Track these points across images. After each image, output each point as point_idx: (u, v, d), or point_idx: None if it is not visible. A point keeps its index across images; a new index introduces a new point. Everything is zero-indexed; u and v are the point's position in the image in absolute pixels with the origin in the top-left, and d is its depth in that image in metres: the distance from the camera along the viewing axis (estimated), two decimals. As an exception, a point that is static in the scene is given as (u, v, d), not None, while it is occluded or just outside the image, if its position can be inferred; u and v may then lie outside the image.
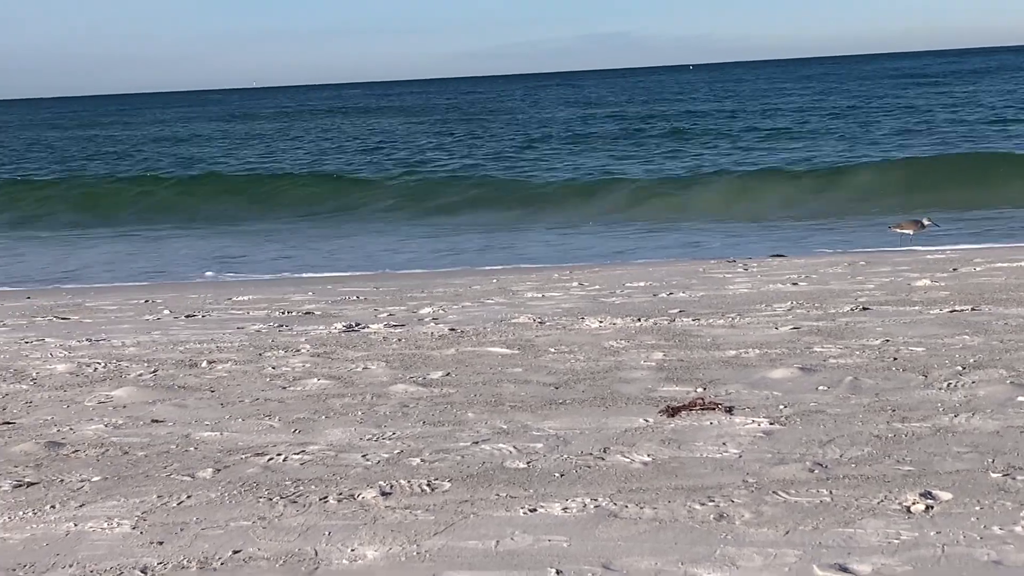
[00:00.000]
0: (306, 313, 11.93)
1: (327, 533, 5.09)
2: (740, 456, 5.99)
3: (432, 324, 10.66)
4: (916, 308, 10.30)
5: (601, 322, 10.23)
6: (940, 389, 7.21)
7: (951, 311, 9.99)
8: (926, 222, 17.74)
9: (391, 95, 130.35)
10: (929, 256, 15.46)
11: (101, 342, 10.35)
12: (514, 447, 6.32)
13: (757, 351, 8.60)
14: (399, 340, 9.80)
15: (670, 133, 47.04)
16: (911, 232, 17.86)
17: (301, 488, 5.74)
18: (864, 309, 10.36)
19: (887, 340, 8.79)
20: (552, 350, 9.02)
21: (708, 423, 6.64)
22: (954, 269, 13.22)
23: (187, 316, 12.10)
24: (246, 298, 13.72)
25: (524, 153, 42.30)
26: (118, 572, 4.74)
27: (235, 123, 79.65)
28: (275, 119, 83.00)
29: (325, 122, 74.47)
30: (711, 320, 10.14)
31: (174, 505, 5.56)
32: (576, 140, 46.75)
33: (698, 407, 6.91)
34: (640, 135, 47.45)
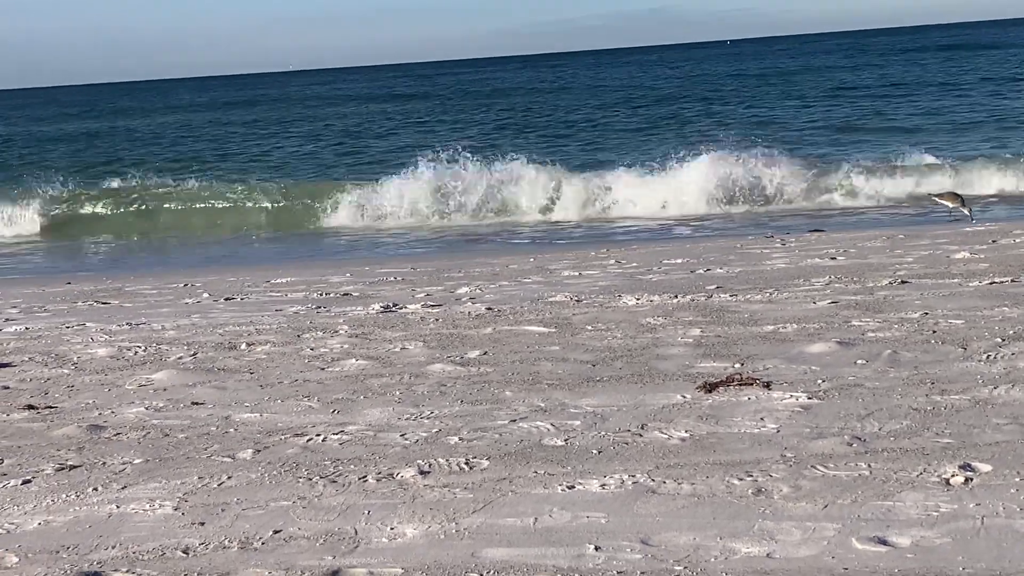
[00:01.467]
0: (344, 295, 11.97)
1: (366, 512, 5.12)
2: (778, 431, 5.98)
3: (469, 304, 10.67)
4: (955, 280, 10.24)
5: (638, 299, 10.22)
6: (979, 361, 7.17)
7: (990, 283, 9.94)
8: (965, 210, 17.45)
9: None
10: (968, 228, 15.36)
11: (141, 326, 10.42)
12: (552, 425, 6.34)
13: (795, 326, 8.58)
14: (436, 320, 9.82)
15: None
16: (950, 205, 17.70)
17: (340, 468, 5.77)
18: (903, 282, 10.31)
19: (926, 313, 8.75)
20: (589, 328, 9.02)
21: (746, 398, 6.63)
22: (993, 241, 13.14)
23: (226, 299, 12.15)
24: (284, 280, 13.77)
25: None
26: (160, 553, 4.78)
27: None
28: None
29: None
30: (749, 296, 10.11)
31: (215, 486, 5.60)
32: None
33: (736, 383, 6.90)
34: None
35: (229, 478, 5.71)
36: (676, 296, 10.27)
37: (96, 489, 5.66)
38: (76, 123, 68.61)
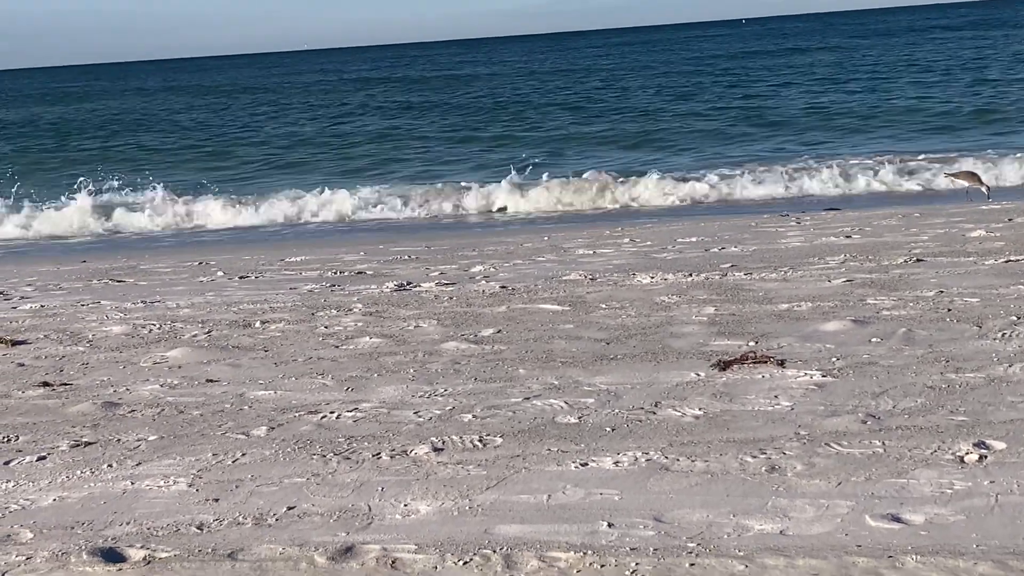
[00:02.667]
0: (358, 273, 11.97)
1: (380, 489, 5.13)
2: (792, 408, 5.98)
3: (483, 282, 10.67)
4: (971, 259, 10.21)
5: (652, 277, 10.21)
6: (994, 339, 7.15)
7: (1006, 261, 9.91)
8: (982, 189, 17.34)
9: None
10: (984, 207, 15.31)
11: (156, 304, 10.44)
12: (565, 402, 6.34)
13: (809, 304, 8.56)
14: (450, 298, 9.83)
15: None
16: (967, 184, 17.62)
17: (354, 445, 5.78)
18: (918, 261, 10.28)
19: (941, 291, 8.72)
20: (603, 306, 9.02)
21: (760, 376, 6.63)
22: (1009, 220, 13.09)
23: (240, 277, 12.17)
24: (298, 259, 13.79)
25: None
26: (175, 529, 4.80)
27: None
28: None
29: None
30: (763, 274, 10.10)
31: (229, 463, 5.62)
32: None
33: (750, 360, 6.89)
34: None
35: (243, 455, 5.72)
36: (690, 274, 10.26)
37: (111, 466, 5.68)
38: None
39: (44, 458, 5.86)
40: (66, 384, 7.41)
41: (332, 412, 6.40)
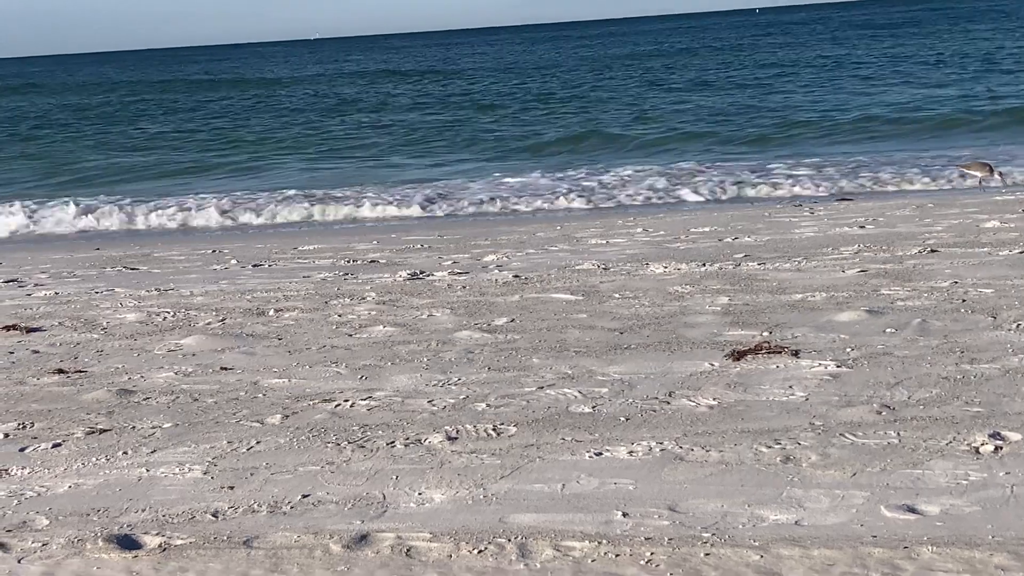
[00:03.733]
0: (371, 262, 11.98)
1: (395, 477, 5.14)
2: (807, 399, 5.97)
3: (496, 271, 10.67)
4: (985, 250, 10.19)
5: (666, 267, 10.20)
6: (1009, 330, 7.14)
7: (1020, 252, 9.88)
8: (995, 178, 17.29)
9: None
10: (998, 197, 15.27)
11: (170, 291, 10.46)
12: (579, 392, 6.34)
13: (824, 294, 8.55)
14: (463, 287, 9.83)
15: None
16: (979, 175, 17.57)
17: (368, 433, 5.79)
18: (932, 251, 10.26)
19: (955, 282, 8.70)
20: (616, 296, 9.01)
21: (774, 366, 6.62)
22: (1023, 210, 13.06)
23: (254, 265, 12.19)
24: (311, 247, 13.80)
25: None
26: (190, 516, 4.81)
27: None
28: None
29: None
30: (777, 264, 10.08)
31: (244, 451, 5.63)
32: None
33: (764, 351, 6.88)
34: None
35: (258, 443, 5.73)
36: (704, 264, 10.25)
37: (126, 453, 5.69)
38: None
39: (59, 445, 5.88)
40: (81, 371, 7.43)
41: (346, 400, 6.41)
